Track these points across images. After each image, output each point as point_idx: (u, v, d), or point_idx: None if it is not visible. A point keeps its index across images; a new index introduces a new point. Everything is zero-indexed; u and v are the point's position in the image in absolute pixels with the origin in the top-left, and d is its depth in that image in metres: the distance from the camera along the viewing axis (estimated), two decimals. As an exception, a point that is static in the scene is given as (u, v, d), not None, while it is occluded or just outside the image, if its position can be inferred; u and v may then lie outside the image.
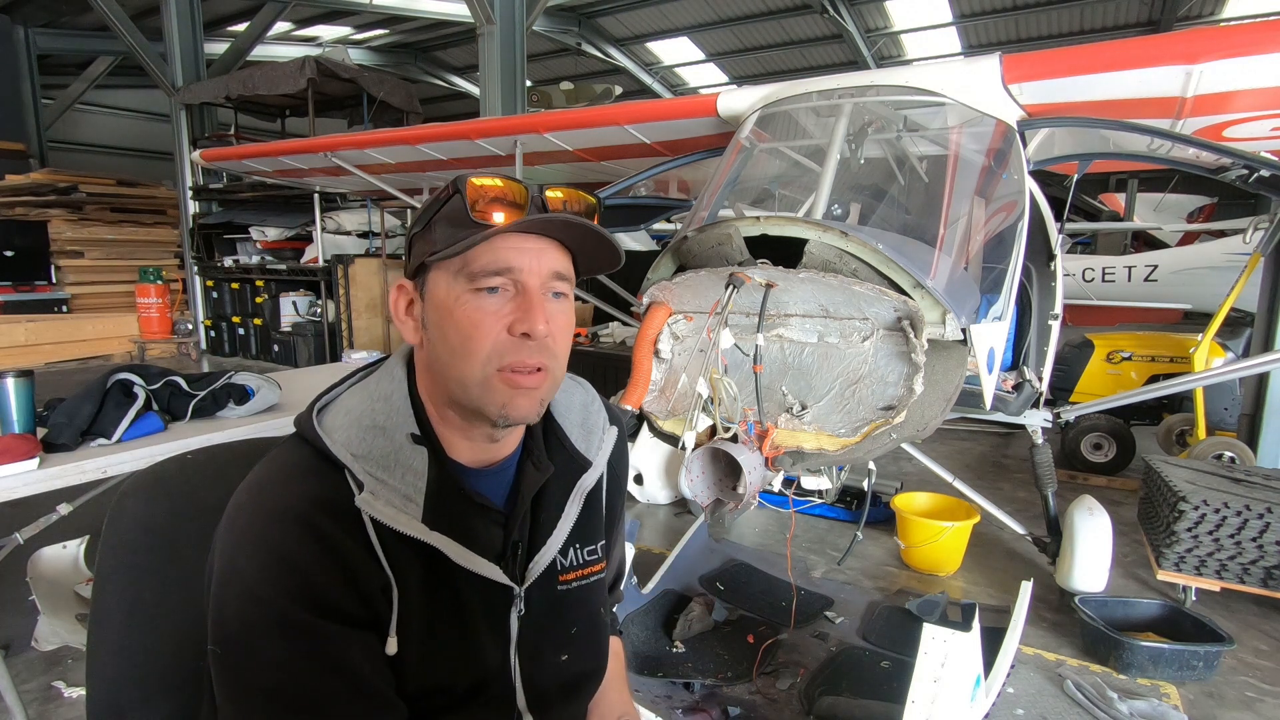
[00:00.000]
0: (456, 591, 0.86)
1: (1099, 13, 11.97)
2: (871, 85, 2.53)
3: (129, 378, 2.21)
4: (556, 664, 0.95)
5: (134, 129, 16.75)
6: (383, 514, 0.80)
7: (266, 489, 0.82)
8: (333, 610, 0.77)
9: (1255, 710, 2.31)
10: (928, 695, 1.55)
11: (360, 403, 0.88)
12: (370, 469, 0.82)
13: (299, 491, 0.80)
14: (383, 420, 0.85)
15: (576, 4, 13.09)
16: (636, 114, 3.38)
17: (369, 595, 0.80)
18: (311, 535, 0.77)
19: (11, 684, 2.03)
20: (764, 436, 1.85)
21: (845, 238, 1.81)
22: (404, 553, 0.82)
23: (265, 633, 0.74)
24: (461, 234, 0.81)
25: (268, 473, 0.84)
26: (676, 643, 2.52)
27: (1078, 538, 2.76)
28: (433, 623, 0.84)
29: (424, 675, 0.84)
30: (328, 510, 0.79)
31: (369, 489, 0.81)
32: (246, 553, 0.77)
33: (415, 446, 0.85)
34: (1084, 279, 7.23)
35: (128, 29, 9.40)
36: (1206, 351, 4.12)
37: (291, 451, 0.86)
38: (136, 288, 9.28)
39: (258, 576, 0.75)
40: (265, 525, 0.78)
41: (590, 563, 1.00)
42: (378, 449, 0.83)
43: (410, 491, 0.82)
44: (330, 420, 0.86)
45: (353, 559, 0.79)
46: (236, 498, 0.82)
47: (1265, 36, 2.20)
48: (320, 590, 0.76)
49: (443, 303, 0.83)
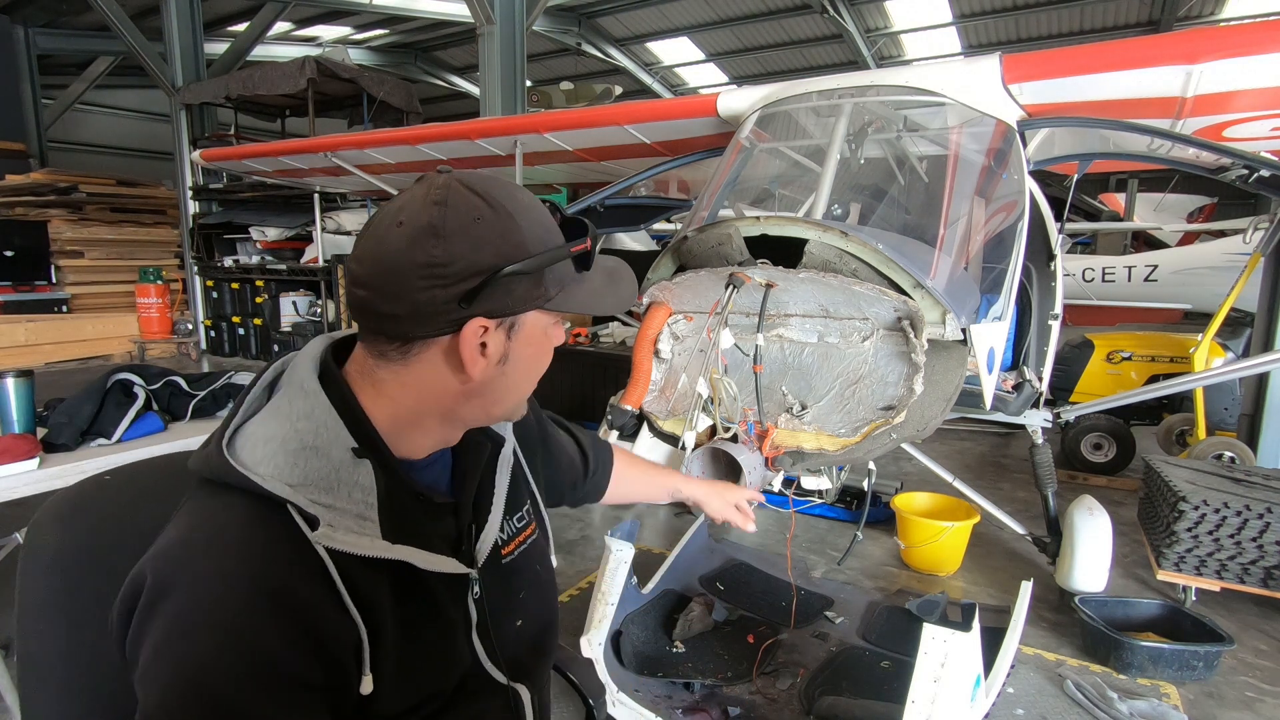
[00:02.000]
0: (428, 597, 0.83)
1: (1099, 13, 11.98)
2: (871, 85, 2.53)
3: (129, 378, 2.21)
4: (514, 631, 0.97)
5: (134, 129, 16.76)
6: (343, 543, 0.73)
7: (202, 554, 0.71)
8: (286, 690, 0.68)
9: (1255, 710, 2.31)
10: (928, 695, 1.55)
11: (276, 428, 0.77)
12: (312, 495, 0.74)
13: (247, 551, 0.71)
14: (311, 440, 0.77)
15: (576, 4, 13.09)
16: (636, 114, 3.38)
17: (335, 655, 0.72)
18: (270, 604, 0.69)
19: (12, 684, 2.03)
20: (764, 436, 1.85)
21: (845, 238, 1.81)
22: (370, 578, 0.75)
23: (201, 715, 0.65)
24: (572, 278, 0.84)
25: (196, 535, 0.73)
26: (676, 643, 2.52)
27: (1078, 538, 2.76)
28: (410, 638, 0.80)
29: (409, 692, 0.80)
30: (285, 565, 0.71)
31: (324, 521, 0.73)
32: (192, 632, 0.67)
33: (358, 461, 0.78)
34: (1084, 279, 7.23)
35: (128, 29, 9.41)
36: (1206, 351, 4.12)
37: (212, 502, 0.75)
38: (136, 288, 9.29)
39: (205, 653, 0.66)
40: (216, 595, 0.68)
41: (522, 528, 1.02)
42: (314, 472, 0.75)
43: (362, 509, 0.77)
44: (246, 455, 0.75)
45: (317, 619, 0.71)
46: (163, 565, 0.71)
47: (1265, 36, 2.20)
48: (276, 670, 0.68)
49: (540, 340, 0.86)
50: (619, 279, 0.94)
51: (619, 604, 2.34)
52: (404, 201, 0.77)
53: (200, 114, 9.84)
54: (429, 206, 0.75)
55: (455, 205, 0.76)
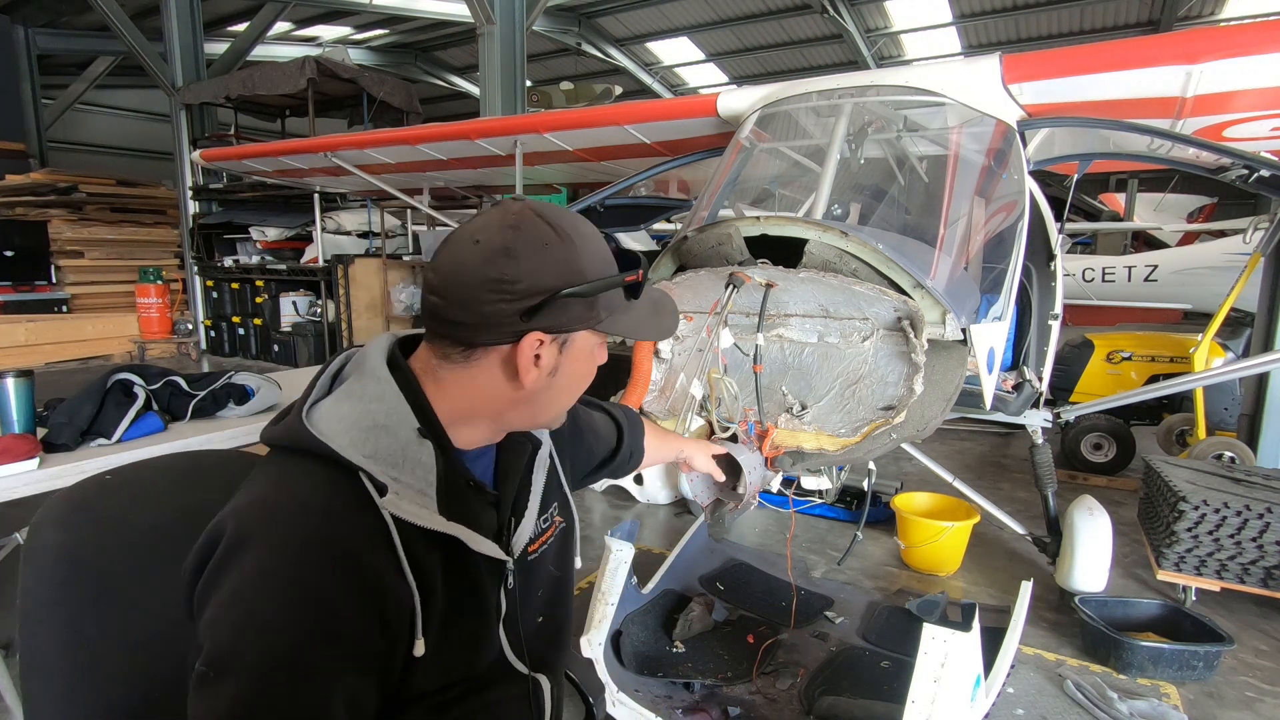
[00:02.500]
0: (473, 578, 0.89)
1: (1099, 13, 11.99)
2: (871, 85, 2.53)
3: (129, 378, 2.21)
4: (535, 626, 1.03)
5: (134, 129, 16.77)
6: (407, 512, 0.80)
7: (281, 512, 0.78)
8: (350, 650, 0.74)
9: (1255, 710, 2.31)
10: (928, 695, 1.55)
11: (351, 407, 0.85)
12: (383, 469, 0.82)
13: (321, 509, 0.78)
14: (383, 419, 0.84)
15: (576, 4, 13.09)
16: (636, 114, 3.38)
17: (393, 621, 0.78)
18: (341, 564, 0.75)
19: (11, 684, 2.03)
20: (764, 436, 1.85)
21: (845, 238, 1.81)
22: (425, 549, 0.82)
23: (260, 666, 0.70)
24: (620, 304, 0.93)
25: (277, 493, 0.80)
26: (676, 643, 2.52)
27: (1078, 538, 2.76)
28: (453, 615, 0.86)
29: (448, 668, 0.86)
30: (355, 526, 0.78)
31: (392, 490, 0.81)
32: (269, 581, 0.73)
33: (421, 441, 0.86)
34: (1084, 279, 7.23)
35: (128, 29, 9.40)
36: (1206, 351, 4.12)
37: (292, 466, 0.82)
38: (136, 288, 9.28)
39: (277, 607, 0.72)
40: (289, 554, 0.74)
41: (545, 529, 1.07)
42: (384, 448, 0.83)
43: (423, 485, 0.84)
44: (324, 427, 0.83)
45: (382, 583, 0.77)
46: (244, 520, 0.77)
47: (1265, 36, 2.20)
48: (341, 629, 0.74)
49: (589, 357, 0.95)
50: (662, 310, 1.04)
51: (619, 604, 2.35)
52: (481, 223, 0.86)
53: (200, 114, 9.84)
54: (504, 230, 0.84)
55: (527, 230, 0.84)
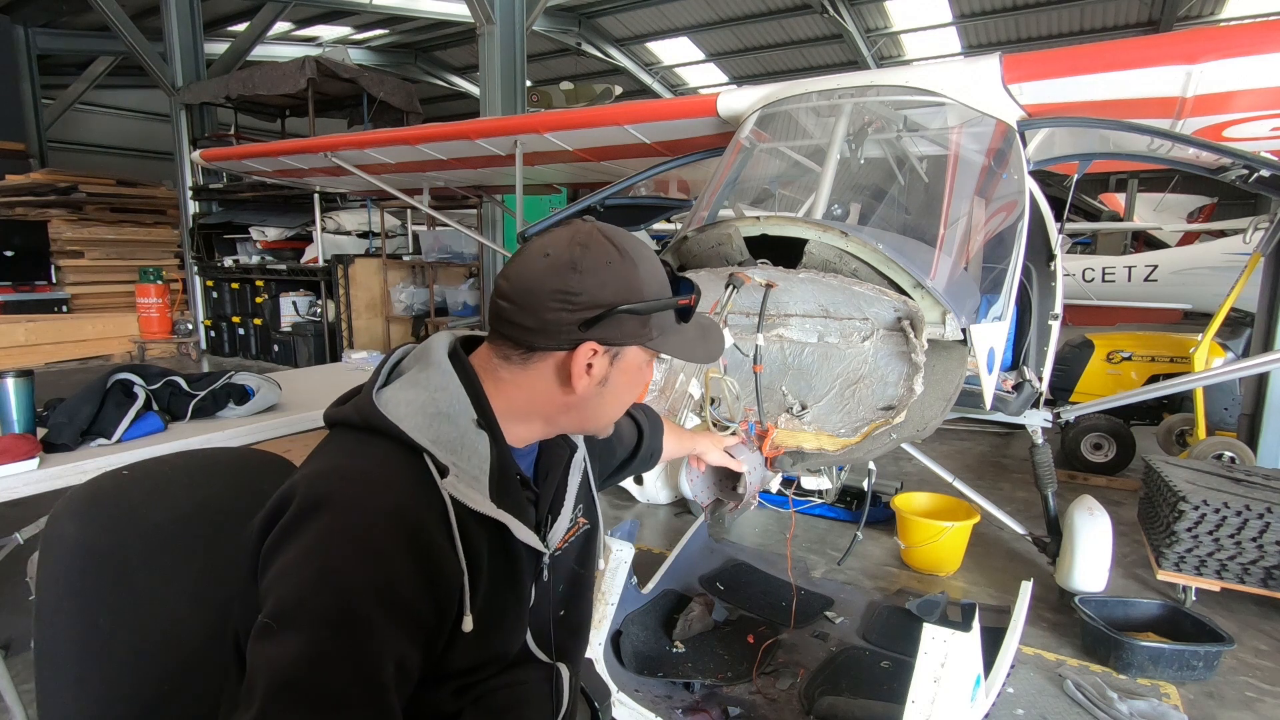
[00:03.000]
0: (514, 564, 0.95)
1: (1099, 13, 11.98)
2: (871, 85, 2.53)
3: (129, 378, 2.21)
4: (557, 619, 1.08)
5: (134, 129, 16.75)
6: (464, 495, 0.86)
7: (352, 481, 0.84)
8: (405, 615, 0.79)
9: (1255, 710, 2.31)
10: (928, 695, 1.55)
11: (417, 395, 0.91)
12: (443, 453, 0.88)
13: (390, 481, 0.84)
14: (445, 408, 0.91)
15: (576, 4, 13.09)
16: (636, 114, 3.38)
17: (444, 594, 0.83)
18: (405, 531, 0.81)
19: (11, 684, 2.03)
20: (764, 436, 1.85)
21: (845, 238, 1.81)
22: (477, 532, 0.88)
23: (332, 623, 0.74)
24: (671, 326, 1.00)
25: (350, 463, 0.87)
26: (676, 643, 2.52)
27: (1078, 538, 2.76)
28: (494, 597, 0.91)
29: (484, 648, 0.91)
30: (419, 500, 0.84)
31: (452, 472, 0.87)
32: (339, 542, 0.78)
33: (479, 431, 0.91)
34: (1084, 279, 7.23)
35: (128, 29, 9.39)
36: (1206, 351, 4.12)
37: (362, 442, 0.89)
38: (136, 288, 9.29)
39: (344, 567, 0.77)
40: (360, 515, 0.80)
41: (570, 527, 1.11)
42: (445, 434, 0.89)
43: (477, 472, 0.89)
44: (393, 410, 0.89)
45: (439, 554, 0.83)
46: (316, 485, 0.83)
47: (1265, 36, 2.20)
48: (402, 591, 0.79)
49: (638, 372, 1.01)
50: (710, 335, 1.11)
51: (619, 604, 2.35)
52: (552, 239, 0.94)
53: (200, 114, 9.83)
54: (572, 246, 0.91)
55: (593, 249, 0.92)
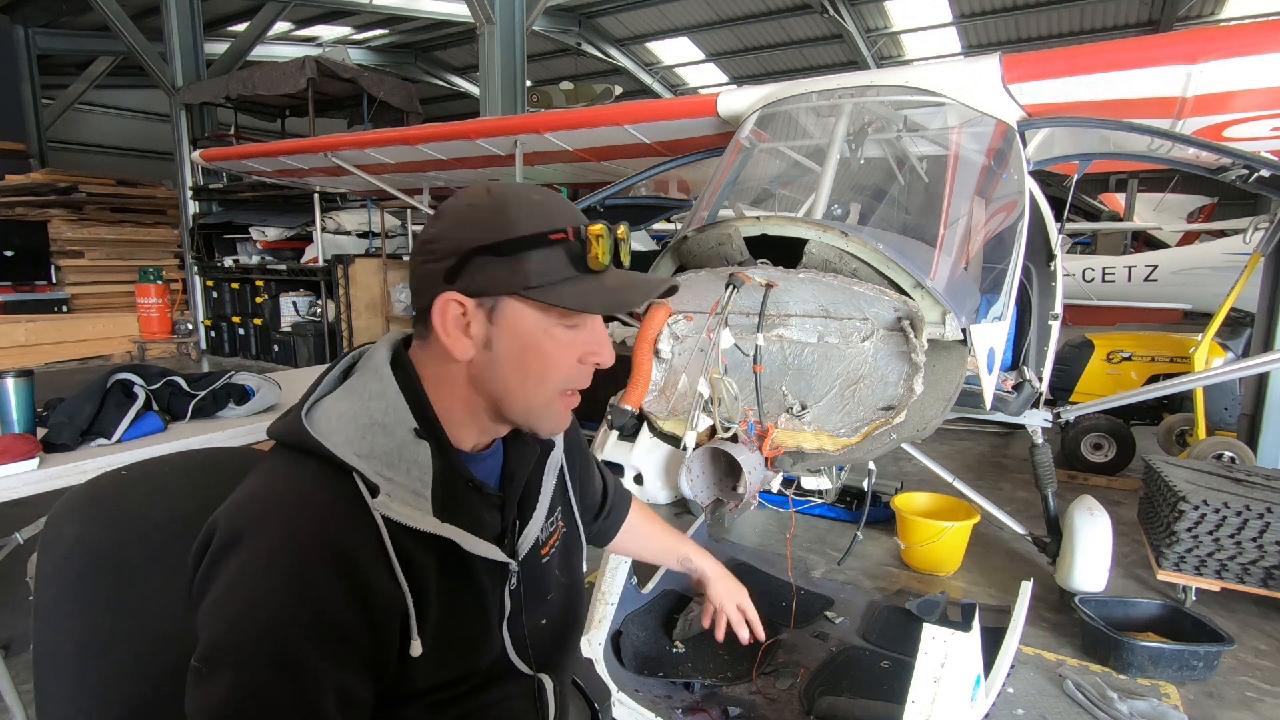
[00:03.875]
0: (471, 579, 0.88)
1: (1099, 13, 11.98)
2: (871, 85, 2.53)
3: (129, 378, 2.21)
4: (538, 628, 1.01)
5: (134, 129, 16.74)
6: (399, 514, 0.79)
7: (273, 507, 0.78)
8: (338, 645, 0.74)
9: (1255, 710, 2.31)
10: (928, 695, 1.55)
11: (351, 405, 0.85)
12: (377, 468, 0.81)
13: (315, 506, 0.78)
14: (380, 417, 0.84)
15: (576, 4, 13.09)
16: (636, 114, 3.38)
17: (381, 620, 0.77)
18: (331, 558, 0.75)
19: (11, 684, 2.03)
20: (764, 436, 1.85)
21: (845, 238, 1.81)
22: (419, 550, 0.81)
23: (251, 659, 0.70)
24: (566, 276, 0.85)
25: (273, 489, 0.81)
26: (676, 643, 2.52)
27: (1078, 538, 2.76)
28: (450, 615, 0.85)
29: (445, 667, 0.85)
30: (346, 525, 0.78)
31: (384, 490, 0.80)
32: (261, 575, 0.73)
33: (418, 441, 0.85)
34: (1084, 279, 7.23)
35: (128, 29, 9.40)
36: (1206, 351, 4.12)
37: (289, 463, 0.82)
38: (136, 288, 9.28)
39: (268, 601, 0.72)
40: (282, 549, 0.74)
41: (553, 531, 1.06)
42: (380, 447, 0.82)
43: (418, 486, 0.83)
44: (322, 425, 0.82)
45: (370, 581, 0.76)
46: (236, 515, 0.78)
47: (1265, 36, 2.20)
48: (332, 622, 0.74)
49: (527, 333, 0.86)
50: (632, 286, 0.91)
51: (619, 604, 2.35)
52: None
53: (200, 114, 9.83)
54: (451, 199, 0.87)
55: (461, 195, 0.86)
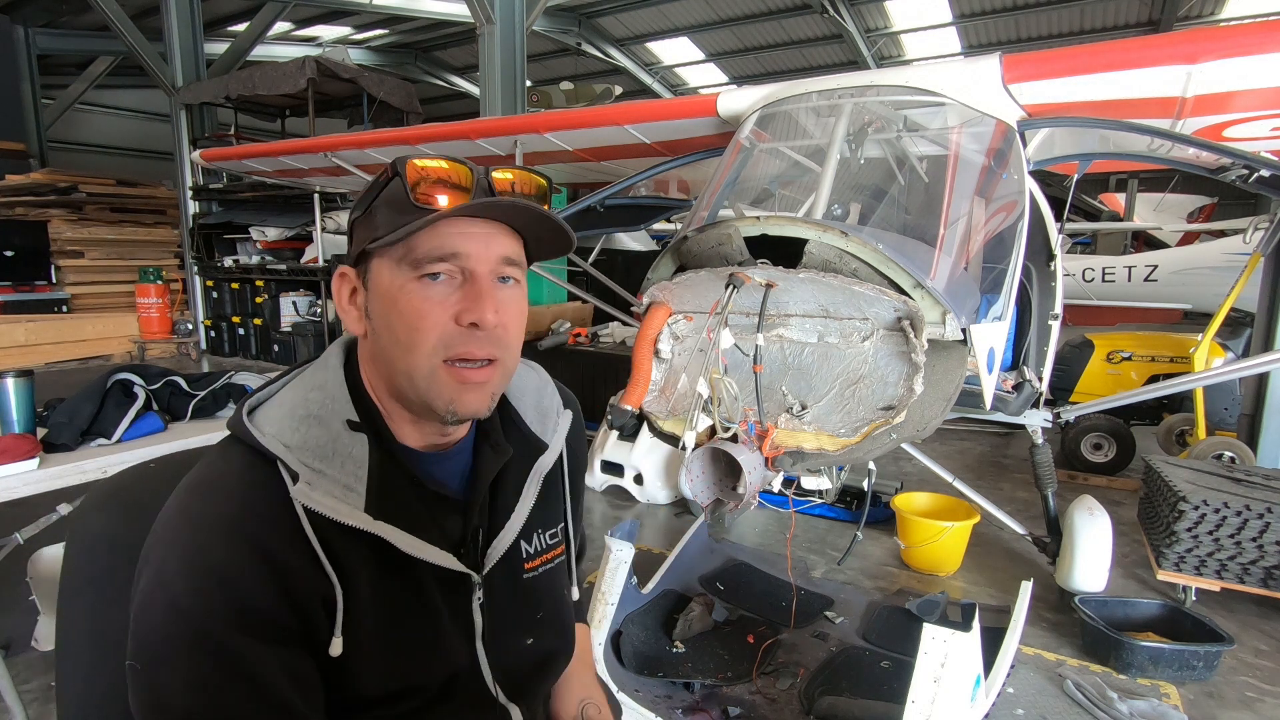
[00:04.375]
0: (415, 584, 0.83)
1: (1099, 13, 11.99)
2: (871, 85, 2.53)
3: (129, 378, 2.21)
4: (523, 649, 0.95)
5: (134, 129, 16.75)
6: (320, 504, 0.76)
7: (197, 494, 0.77)
8: (260, 626, 0.72)
9: (1255, 710, 2.31)
10: (928, 695, 1.55)
11: (294, 395, 0.84)
12: (306, 459, 0.78)
13: (227, 494, 0.76)
14: (317, 409, 0.82)
15: (576, 4, 13.09)
16: (636, 114, 3.37)
17: (304, 604, 0.75)
18: (241, 542, 0.73)
19: (11, 684, 2.03)
20: (764, 436, 1.85)
21: (845, 238, 1.81)
22: (350, 547, 0.78)
23: (186, 650, 0.70)
24: (403, 219, 0.78)
25: (198, 477, 0.80)
26: (676, 643, 2.52)
27: (1078, 538, 2.76)
28: (390, 619, 0.81)
29: (388, 676, 0.81)
30: (258, 512, 0.75)
31: (304, 479, 0.77)
32: (172, 564, 0.72)
33: (353, 434, 0.81)
34: (1084, 279, 7.23)
35: (128, 29, 9.40)
36: (1206, 351, 4.12)
37: (223, 453, 0.82)
38: (136, 288, 9.29)
39: (183, 589, 0.71)
40: (192, 533, 0.73)
41: (552, 546, 1.01)
42: (313, 439, 0.80)
43: (350, 480, 0.79)
44: (263, 416, 0.82)
45: (288, 564, 0.74)
46: (167, 505, 0.78)
47: (1265, 36, 2.20)
48: (247, 604, 0.72)
49: (386, 292, 0.80)
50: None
51: (619, 604, 2.35)
52: None
53: (200, 114, 9.83)
54: None
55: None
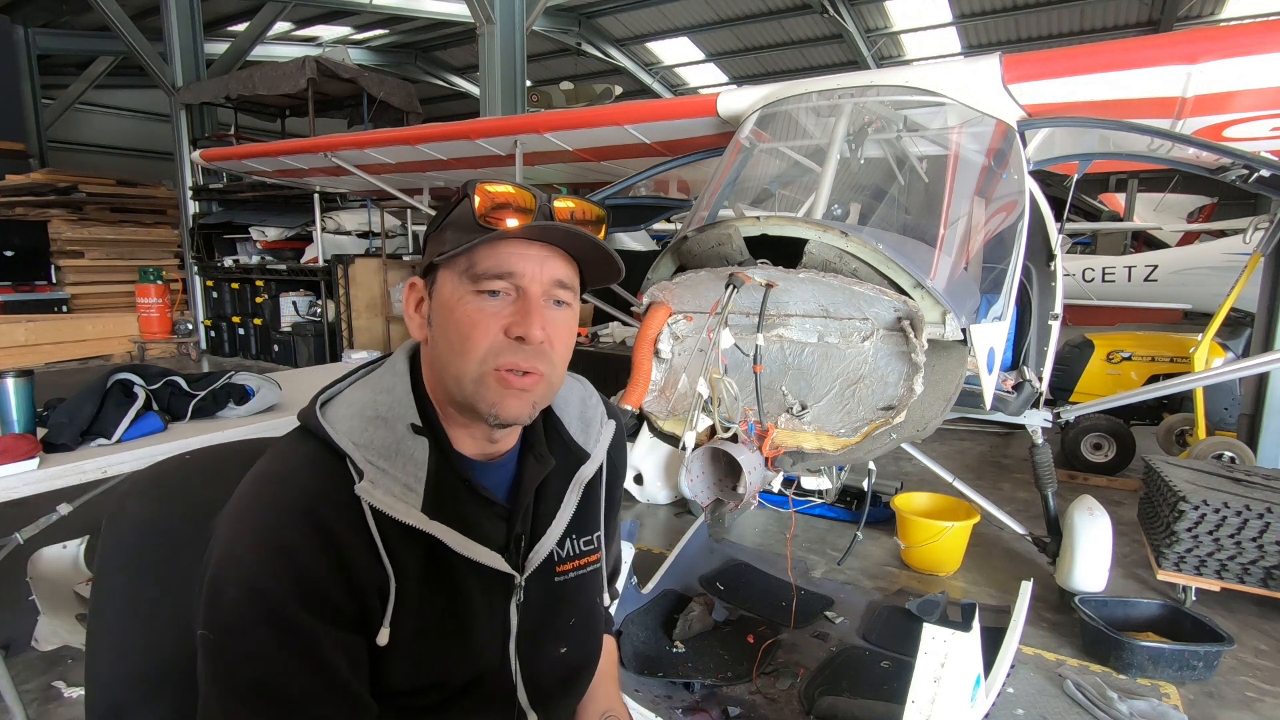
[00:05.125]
0: (456, 583, 0.87)
1: (1099, 13, 11.99)
2: (871, 85, 2.53)
3: (129, 378, 2.21)
4: (556, 656, 0.98)
5: (134, 129, 16.75)
6: (381, 502, 0.81)
7: (270, 480, 0.83)
8: (325, 607, 0.78)
9: (1255, 710, 2.31)
10: (928, 695, 1.55)
11: (363, 395, 0.90)
12: (371, 458, 0.84)
13: (302, 483, 0.82)
14: (385, 411, 0.88)
15: (576, 4, 13.10)
16: (636, 114, 3.37)
17: (363, 591, 0.81)
18: (312, 528, 0.78)
19: (11, 684, 2.04)
20: (764, 436, 1.85)
21: (845, 238, 1.81)
22: (404, 543, 0.83)
23: (256, 624, 0.75)
24: (468, 237, 0.84)
25: (272, 465, 0.86)
26: (676, 643, 2.52)
27: (1078, 538, 2.76)
28: (431, 615, 0.85)
29: (419, 669, 0.85)
30: (329, 501, 0.81)
31: (369, 477, 0.82)
32: (246, 543, 0.78)
33: (416, 437, 0.87)
34: (1084, 279, 7.23)
35: (128, 29, 9.40)
36: (1206, 351, 4.12)
37: (295, 444, 0.88)
38: (136, 288, 9.30)
39: (256, 568, 0.76)
40: (267, 516, 0.79)
41: (586, 553, 1.02)
42: (379, 439, 0.85)
43: (410, 481, 0.84)
44: (334, 412, 0.88)
45: (351, 553, 0.80)
46: (241, 488, 0.84)
47: (1265, 36, 2.20)
48: (315, 585, 0.77)
49: (446, 302, 0.87)
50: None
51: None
52: None
53: (200, 114, 9.84)
54: None
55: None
